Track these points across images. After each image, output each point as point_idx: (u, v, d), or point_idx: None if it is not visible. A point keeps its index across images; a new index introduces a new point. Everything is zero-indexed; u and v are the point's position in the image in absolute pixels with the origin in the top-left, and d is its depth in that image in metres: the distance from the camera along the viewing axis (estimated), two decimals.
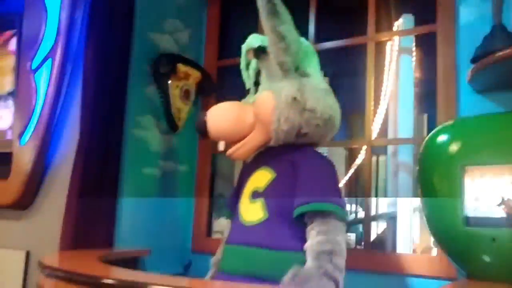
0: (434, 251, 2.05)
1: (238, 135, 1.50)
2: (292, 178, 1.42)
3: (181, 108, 2.31)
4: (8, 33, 2.45)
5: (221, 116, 1.51)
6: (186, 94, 2.33)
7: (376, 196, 3.17)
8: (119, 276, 1.26)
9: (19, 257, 2.20)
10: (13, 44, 2.41)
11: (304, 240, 1.37)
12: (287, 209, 1.39)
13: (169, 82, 2.26)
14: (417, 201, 2.10)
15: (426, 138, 1.68)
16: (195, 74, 2.36)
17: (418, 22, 2.13)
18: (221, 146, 1.60)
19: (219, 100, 2.54)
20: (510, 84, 1.63)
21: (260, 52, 1.56)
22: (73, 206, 1.95)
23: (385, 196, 2.65)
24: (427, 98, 2.14)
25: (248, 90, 1.71)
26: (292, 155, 1.47)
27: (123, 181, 2.14)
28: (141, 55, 2.23)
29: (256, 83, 1.63)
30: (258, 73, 1.62)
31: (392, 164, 2.40)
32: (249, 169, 1.59)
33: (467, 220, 1.48)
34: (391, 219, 2.51)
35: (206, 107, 2.47)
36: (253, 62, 1.63)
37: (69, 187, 1.99)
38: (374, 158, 2.11)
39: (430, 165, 1.62)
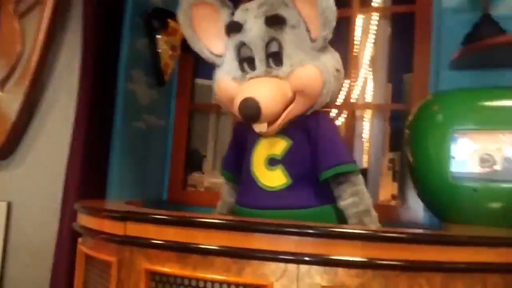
0: (393, 202, 2.35)
1: (281, 112, 1.50)
2: (309, 144, 1.54)
3: (168, 63, 2.35)
4: None
5: (271, 97, 1.45)
6: (173, 49, 2.36)
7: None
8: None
9: (0, 209, 2.15)
10: None
11: (327, 194, 1.54)
12: (310, 173, 1.53)
13: (159, 37, 2.28)
14: (385, 159, 2.38)
15: (418, 106, 1.93)
16: (181, 31, 2.39)
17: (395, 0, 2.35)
18: (264, 127, 1.49)
19: (198, 58, 2.64)
20: (486, 65, 1.93)
21: (277, 21, 1.51)
22: (76, 159, 1.96)
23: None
24: (400, 69, 2.42)
25: (245, 59, 1.55)
26: (305, 121, 1.54)
27: (115, 134, 2.16)
28: (134, 8, 2.22)
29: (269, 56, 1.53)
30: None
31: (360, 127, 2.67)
32: (253, 133, 1.60)
33: (453, 175, 1.76)
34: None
35: (185, 65, 2.56)
36: (259, 32, 1.51)
37: (71, 141, 1.98)
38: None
39: (422, 129, 1.87)
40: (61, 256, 1.98)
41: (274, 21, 1.50)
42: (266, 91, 1.45)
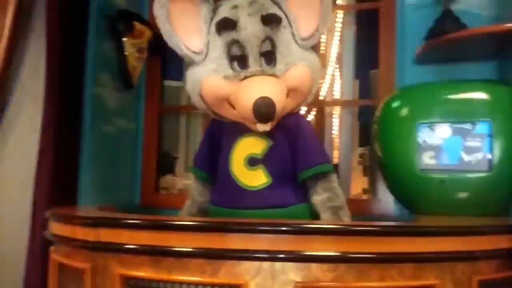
0: (364, 196, 2.40)
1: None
2: (289, 144, 1.57)
3: (136, 66, 2.33)
4: None
5: (282, 97, 1.47)
6: (140, 52, 2.34)
7: None
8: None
9: None
10: None
11: (302, 192, 1.59)
12: (289, 173, 1.56)
13: (125, 39, 2.26)
14: (355, 154, 2.42)
15: (384, 101, 1.98)
16: (148, 32, 2.38)
17: None
18: (268, 127, 1.48)
19: (166, 60, 2.62)
20: (449, 59, 1.98)
21: (274, 20, 1.53)
22: (45, 166, 1.93)
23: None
24: (366, 65, 2.46)
25: (236, 58, 1.53)
26: (284, 122, 1.56)
27: (84, 139, 2.14)
28: (99, 11, 2.19)
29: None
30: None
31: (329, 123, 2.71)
32: (229, 133, 1.62)
33: (420, 167, 1.80)
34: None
35: (153, 67, 2.55)
36: (255, 30, 1.51)
37: (39, 148, 1.96)
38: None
39: (390, 123, 1.91)
40: (33, 266, 1.94)
41: (272, 20, 1.51)
42: (277, 90, 1.46)
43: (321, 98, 2.40)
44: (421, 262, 1.18)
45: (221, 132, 1.65)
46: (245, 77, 1.49)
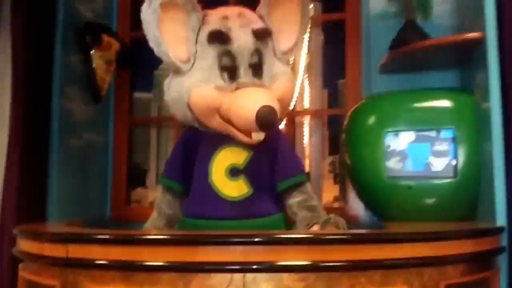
0: (336, 204, 2.43)
1: None
2: (268, 154, 1.60)
3: (104, 78, 2.32)
4: None
5: (278, 106, 1.44)
6: (108, 64, 2.33)
7: None
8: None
9: None
10: None
11: (279, 201, 1.62)
12: (269, 183, 1.59)
13: (93, 52, 2.25)
14: (326, 162, 2.45)
15: (352, 110, 2.02)
16: (116, 45, 2.37)
17: (325, 9, 2.43)
18: (262, 136, 1.47)
19: (135, 72, 2.62)
20: (413, 68, 2.04)
21: (266, 34, 1.55)
22: (12, 181, 1.90)
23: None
24: (334, 75, 2.50)
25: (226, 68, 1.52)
26: None
27: (52, 153, 2.11)
28: (66, 23, 2.18)
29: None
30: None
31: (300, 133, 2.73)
32: (206, 143, 1.61)
33: (388, 175, 1.84)
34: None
35: (122, 79, 2.53)
36: (247, 42, 1.51)
37: (5, 163, 1.92)
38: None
39: (357, 132, 1.95)
40: (1, 285, 1.90)
41: (263, 34, 1.53)
42: (274, 99, 1.44)
43: (291, 108, 2.43)
44: (389, 268, 1.20)
45: (197, 142, 1.63)
46: (237, 88, 1.48)
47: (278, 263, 1.16)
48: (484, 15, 1.63)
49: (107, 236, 1.29)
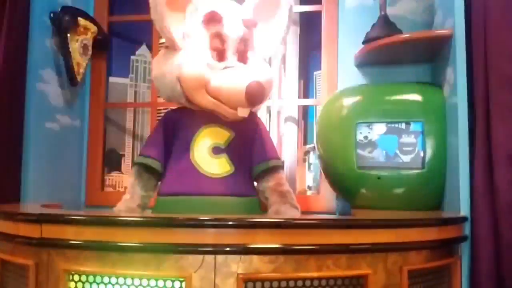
0: (309, 193, 2.48)
1: None
2: (249, 138, 1.72)
3: (80, 62, 2.30)
4: None
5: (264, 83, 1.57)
6: (85, 48, 2.32)
7: None
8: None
9: None
10: None
11: (253, 185, 1.72)
12: (248, 163, 1.71)
13: (69, 35, 2.23)
14: (300, 152, 2.49)
15: (326, 102, 2.06)
16: (93, 29, 2.36)
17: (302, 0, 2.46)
18: (247, 112, 1.59)
19: (111, 57, 2.61)
20: (387, 62, 2.09)
21: (253, 25, 1.71)
22: None
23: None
24: (311, 66, 2.55)
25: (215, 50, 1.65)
26: (245, 118, 1.63)
27: (27, 135, 2.10)
28: (42, 7, 2.16)
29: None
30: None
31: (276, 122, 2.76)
32: (189, 123, 1.69)
33: (358, 165, 1.90)
34: None
35: (98, 64, 2.52)
36: (237, 28, 1.66)
37: None
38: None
39: (330, 123, 2.00)
40: None
41: (251, 25, 1.69)
42: (262, 79, 1.55)
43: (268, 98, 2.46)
44: (355, 253, 1.26)
45: (177, 123, 1.72)
46: (225, 67, 1.60)
47: (249, 246, 1.20)
48: (453, 13, 1.68)
49: (81, 217, 1.31)
